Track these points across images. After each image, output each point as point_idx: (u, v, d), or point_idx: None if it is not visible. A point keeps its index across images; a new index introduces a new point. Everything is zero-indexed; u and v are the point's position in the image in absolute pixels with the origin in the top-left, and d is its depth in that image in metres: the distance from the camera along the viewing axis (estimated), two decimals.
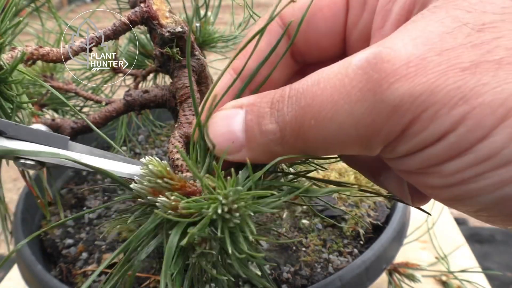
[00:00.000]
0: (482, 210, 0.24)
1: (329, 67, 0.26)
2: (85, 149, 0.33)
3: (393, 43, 0.23)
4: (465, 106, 0.21)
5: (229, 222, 0.27)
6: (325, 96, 0.24)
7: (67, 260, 0.61)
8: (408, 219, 0.64)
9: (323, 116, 0.25)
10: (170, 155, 0.36)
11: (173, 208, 0.29)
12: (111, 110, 0.52)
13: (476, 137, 0.21)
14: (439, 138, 0.22)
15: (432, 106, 0.22)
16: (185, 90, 0.43)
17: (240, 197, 0.27)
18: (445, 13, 0.23)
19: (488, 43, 0.22)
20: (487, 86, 0.21)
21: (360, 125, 0.24)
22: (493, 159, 0.21)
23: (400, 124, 0.23)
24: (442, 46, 0.22)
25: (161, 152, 0.87)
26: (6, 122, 0.31)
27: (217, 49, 0.75)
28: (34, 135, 0.31)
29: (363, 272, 0.52)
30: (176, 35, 0.43)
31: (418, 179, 0.26)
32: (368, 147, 0.25)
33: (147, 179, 0.30)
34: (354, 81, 0.23)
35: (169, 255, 0.28)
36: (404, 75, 0.22)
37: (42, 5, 0.58)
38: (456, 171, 0.23)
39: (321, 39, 0.34)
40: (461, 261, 0.83)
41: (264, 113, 0.28)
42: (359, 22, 0.33)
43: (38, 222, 0.71)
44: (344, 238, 0.60)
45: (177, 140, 0.38)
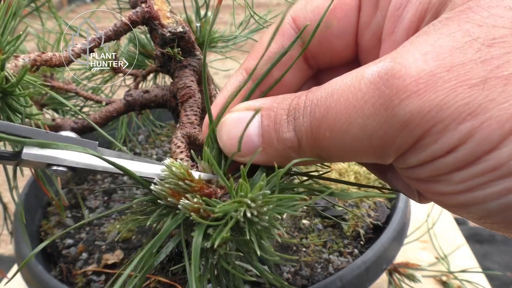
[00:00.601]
0: (486, 217, 0.25)
1: (342, 78, 0.26)
2: (114, 154, 0.34)
3: (404, 59, 0.24)
4: (473, 121, 0.22)
5: (256, 225, 0.28)
6: (339, 109, 0.26)
7: (67, 260, 0.61)
8: (408, 219, 0.64)
9: (337, 128, 0.26)
10: (173, 156, 0.36)
11: (194, 210, 0.29)
12: (112, 110, 0.52)
13: (484, 149, 0.22)
14: (449, 151, 0.23)
15: (442, 121, 0.23)
16: (187, 90, 0.43)
17: (267, 200, 0.28)
18: (457, 26, 0.24)
19: (497, 58, 0.22)
20: (494, 102, 0.22)
21: (373, 137, 0.25)
22: (499, 170, 0.22)
23: (412, 137, 0.24)
24: (452, 61, 0.23)
25: (161, 152, 0.87)
26: (37, 131, 0.32)
27: (217, 49, 0.75)
28: (64, 142, 0.32)
29: (363, 272, 0.52)
30: (177, 35, 0.43)
31: (426, 186, 0.27)
32: (381, 157, 0.27)
33: (168, 181, 0.31)
34: (367, 95, 0.24)
35: (196, 256, 0.28)
36: (415, 91, 0.23)
37: (42, 5, 0.58)
38: (463, 180, 0.24)
39: (334, 41, 0.34)
40: (461, 261, 0.83)
41: (282, 120, 0.29)
42: (372, 23, 0.33)
43: (38, 222, 0.71)
44: (345, 238, 0.60)
45: (179, 141, 0.38)
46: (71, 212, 0.71)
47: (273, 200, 0.28)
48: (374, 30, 0.33)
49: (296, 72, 0.36)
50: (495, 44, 0.22)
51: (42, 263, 0.58)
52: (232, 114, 0.31)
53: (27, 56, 0.39)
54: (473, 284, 0.75)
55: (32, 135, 0.31)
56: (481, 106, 0.22)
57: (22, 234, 0.53)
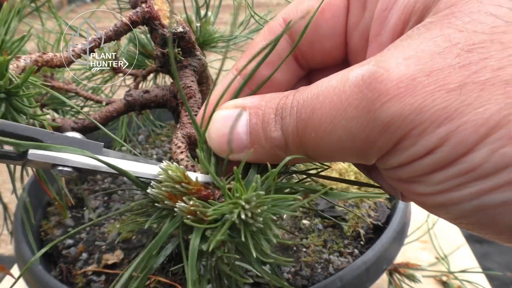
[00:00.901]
0: (462, 218, 0.26)
1: (328, 79, 0.27)
2: (118, 155, 0.34)
3: (387, 63, 0.25)
4: (450, 125, 0.23)
5: (251, 226, 0.28)
6: (324, 111, 0.26)
7: (67, 261, 0.61)
8: (408, 219, 0.64)
9: (322, 129, 0.27)
10: (173, 156, 0.36)
11: (191, 213, 0.29)
12: (112, 110, 0.52)
13: (460, 152, 0.23)
14: (427, 153, 0.24)
15: (420, 124, 0.23)
16: (187, 90, 0.43)
17: (262, 201, 0.28)
18: (439, 31, 0.24)
19: (475, 63, 0.23)
20: (470, 106, 0.22)
21: (356, 139, 0.26)
22: (474, 172, 0.23)
23: (392, 139, 0.25)
24: (432, 66, 0.23)
25: (161, 152, 0.87)
26: (43, 131, 0.32)
27: (217, 49, 0.75)
28: (70, 143, 0.32)
29: (363, 273, 0.52)
30: (178, 35, 0.43)
31: (407, 186, 0.28)
32: (364, 157, 0.28)
33: (164, 184, 0.31)
34: (351, 98, 0.25)
35: (193, 259, 0.28)
36: (396, 95, 0.24)
37: (42, 5, 0.58)
38: (440, 181, 0.25)
39: (323, 41, 0.35)
40: (461, 261, 0.83)
41: (270, 119, 0.29)
42: (360, 23, 0.34)
43: (38, 223, 0.71)
44: (345, 238, 0.60)
45: (180, 141, 0.38)
46: (71, 212, 0.71)
47: (267, 201, 0.28)
48: (362, 31, 0.33)
49: (287, 72, 0.37)
50: (474, 50, 0.23)
51: (42, 263, 0.58)
52: (220, 112, 0.31)
53: (29, 57, 0.39)
54: (473, 284, 0.75)
55: (37, 136, 0.31)
56: (457, 110, 0.23)
57: (27, 233, 0.53)
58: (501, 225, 0.25)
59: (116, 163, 0.31)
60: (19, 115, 0.40)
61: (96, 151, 0.33)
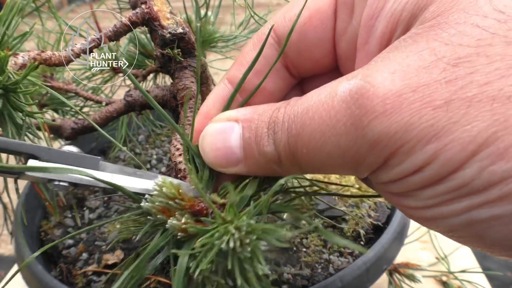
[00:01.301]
0: (453, 231, 0.26)
1: (318, 93, 0.27)
2: (116, 168, 0.34)
3: (373, 78, 0.25)
4: (437, 143, 0.23)
5: (239, 254, 0.28)
6: (313, 127, 0.26)
7: (67, 261, 0.61)
8: (408, 219, 0.64)
9: (313, 145, 0.27)
10: (172, 158, 0.36)
11: (182, 230, 0.29)
12: (112, 111, 0.52)
13: (449, 170, 0.23)
14: (416, 171, 0.24)
15: (408, 143, 0.23)
16: (187, 91, 0.43)
17: (252, 229, 0.28)
18: (425, 43, 0.24)
19: (461, 78, 0.22)
20: (457, 124, 0.22)
21: (346, 155, 0.26)
22: (463, 189, 0.23)
23: (380, 157, 0.25)
24: (418, 82, 0.23)
25: (161, 152, 0.87)
26: (39, 147, 0.32)
27: (217, 49, 0.74)
28: (66, 158, 0.32)
29: (363, 273, 0.52)
30: (177, 36, 0.43)
31: (398, 200, 0.28)
32: (355, 172, 0.28)
33: (159, 200, 0.31)
34: (339, 114, 0.25)
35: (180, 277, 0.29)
36: (382, 112, 0.24)
37: (42, 5, 0.58)
38: (430, 197, 0.25)
39: (312, 49, 0.35)
40: (461, 261, 0.83)
41: (263, 133, 0.29)
42: (347, 30, 0.33)
43: (38, 223, 0.71)
44: (345, 238, 0.60)
45: (179, 143, 0.38)
46: (71, 212, 0.71)
47: (257, 230, 0.28)
48: (351, 37, 0.33)
49: (279, 80, 0.36)
50: (459, 64, 0.23)
51: (42, 263, 0.58)
52: (213, 125, 0.31)
53: (27, 54, 0.39)
54: (473, 284, 0.75)
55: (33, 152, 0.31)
56: (444, 128, 0.22)
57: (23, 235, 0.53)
58: (490, 238, 0.25)
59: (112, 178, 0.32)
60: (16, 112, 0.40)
61: (93, 166, 0.33)
